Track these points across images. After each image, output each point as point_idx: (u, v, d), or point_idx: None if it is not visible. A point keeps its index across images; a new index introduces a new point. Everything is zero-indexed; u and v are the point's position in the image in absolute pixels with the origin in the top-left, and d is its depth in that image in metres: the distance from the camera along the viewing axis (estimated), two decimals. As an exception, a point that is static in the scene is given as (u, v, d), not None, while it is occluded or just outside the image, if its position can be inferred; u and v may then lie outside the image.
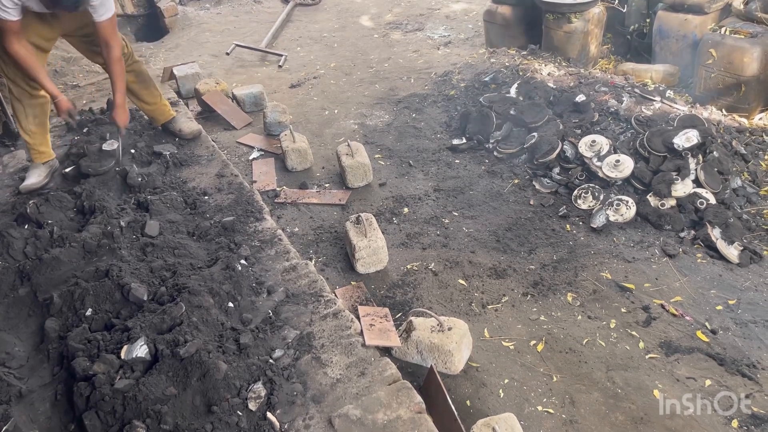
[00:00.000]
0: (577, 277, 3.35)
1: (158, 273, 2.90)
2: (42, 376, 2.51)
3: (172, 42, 8.08)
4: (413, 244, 3.68)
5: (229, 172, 4.07)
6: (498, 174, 4.38)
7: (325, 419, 2.29)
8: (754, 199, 3.89)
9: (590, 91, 4.65)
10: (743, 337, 2.90)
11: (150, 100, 4.31)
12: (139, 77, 4.16)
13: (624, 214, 3.75)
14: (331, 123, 5.40)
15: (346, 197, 4.16)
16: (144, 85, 4.22)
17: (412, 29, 7.88)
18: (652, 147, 3.96)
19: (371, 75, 6.47)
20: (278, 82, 6.50)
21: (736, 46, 4.66)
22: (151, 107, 4.36)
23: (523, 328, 3.02)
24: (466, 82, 5.60)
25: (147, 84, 4.24)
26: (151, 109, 4.38)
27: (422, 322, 2.80)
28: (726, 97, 4.84)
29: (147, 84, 4.24)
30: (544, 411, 2.56)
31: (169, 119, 4.48)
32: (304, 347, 2.62)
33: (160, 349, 2.33)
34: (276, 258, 3.22)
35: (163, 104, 4.42)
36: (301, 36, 7.92)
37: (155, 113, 4.42)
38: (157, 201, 3.53)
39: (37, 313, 2.78)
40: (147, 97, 4.28)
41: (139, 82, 4.17)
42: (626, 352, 2.84)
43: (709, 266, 3.40)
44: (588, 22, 5.51)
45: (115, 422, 2.16)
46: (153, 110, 4.39)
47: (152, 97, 4.31)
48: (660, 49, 5.49)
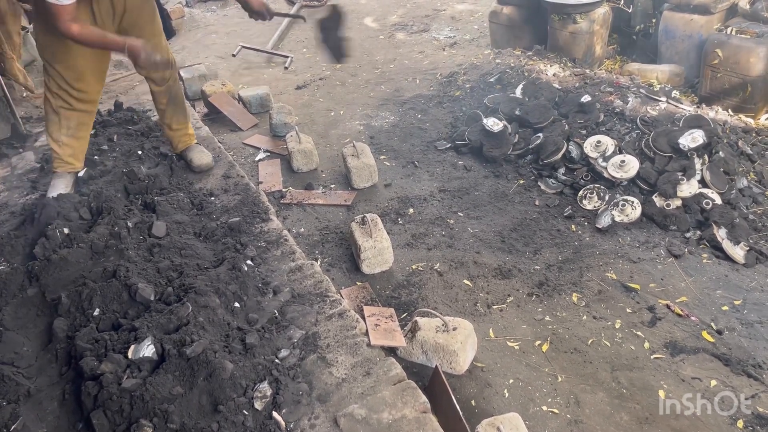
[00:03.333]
0: (582, 277, 3.35)
1: (165, 273, 2.91)
2: (50, 375, 2.53)
3: (178, 44, 8.12)
4: (418, 245, 3.69)
5: (235, 173, 4.09)
6: (503, 175, 4.38)
7: (330, 419, 2.30)
8: (761, 199, 3.88)
9: (595, 91, 4.65)
10: (749, 337, 2.90)
11: (176, 126, 4.02)
12: (173, 100, 3.88)
13: (629, 214, 3.75)
14: (336, 124, 5.42)
15: (351, 198, 4.18)
16: (174, 109, 3.93)
17: (418, 30, 7.89)
18: (657, 147, 3.95)
19: (377, 76, 6.49)
20: (284, 84, 6.52)
21: (742, 46, 4.65)
22: (174, 133, 4.06)
23: (528, 328, 3.03)
24: (472, 83, 5.61)
25: (177, 108, 3.95)
26: (173, 135, 4.08)
27: (427, 322, 2.80)
28: (732, 98, 4.83)
29: (177, 108, 3.95)
30: (549, 411, 2.56)
31: (186, 147, 4.16)
32: (309, 347, 2.63)
33: (166, 348, 2.34)
34: (282, 258, 3.23)
35: (187, 134, 4.12)
36: (306, 38, 7.95)
37: (175, 139, 4.11)
38: (164, 202, 3.55)
39: (46, 313, 2.80)
40: (174, 123, 4.00)
41: (170, 104, 3.88)
42: (631, 353, 2.84)
43: (714, 267, 3.39)
44: (593, 23, 5.50)
45: (123, 421, 2.17)
46: (173, 136, 4.09)
47: (178, 124, 4.02)
48: (665, 49, 5.48)
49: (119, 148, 4.18)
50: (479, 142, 4.59)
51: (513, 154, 4.50)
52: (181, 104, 3.97)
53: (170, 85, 3.82)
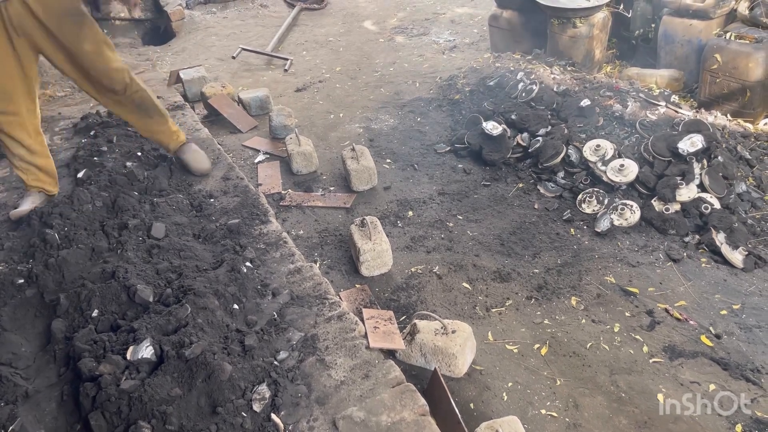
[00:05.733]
0: (581, 281, 3.35)
1: (164, 275, 2.91)
2: (48, 376, 2.53)
3: (178, 46, 8.13)
4: (418, 248, 3.69)
5: (234, 175, 4.08)
6: (502, 178, 4.38)
7: (329, 421, 2.29)
8: (759, 203, 3.89)
9: (595, 95, 4.66)
10: (748, 341, 2.90)
11: (157, 128, 3.84)
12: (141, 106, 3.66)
13: (628, 218, 3.75)
14: (336, 126, 5.42)
15: (350, 200, 4.18)
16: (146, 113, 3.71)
17: (417, 33, 7.91)
18: (656, 151, 3.96)
19: (376, 79, 6.50)
20: (284, 86, 6.53)
21: (741, 51, 4.67)
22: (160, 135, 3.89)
23: (527, 331, 3.03)
24: (471, 87, 5.62)
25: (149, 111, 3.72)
26: (159, 138, 3.91)
27: (426, 325, 2.80)
28: (731, 102, 4.85)
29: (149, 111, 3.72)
30: (548, 414, 2.56)
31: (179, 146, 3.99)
32: (308, 349, 2.63)
33: (165, 350, 2.34)
34: (281, 260, 3.23)
35: (171, 130, 3.91)
36: (306, 40, 7.96)
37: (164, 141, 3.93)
38: (163, 203, 3.55)
39: (44, 314, 2.80)
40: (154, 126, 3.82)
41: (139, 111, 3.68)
42: (630, 356, 2.84)
43: (713, 271, 3.40)
44: (593, 27, 5.52)
45: (121, 422, 2.17)
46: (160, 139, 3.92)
47: (159, 125, 3.83)
48: (665, 54, 5.49)
49: (119, 150, 4.18)
50: (479, 146, 4.59)
51: (512, 157, 4.51)
52: (151, 106, 3.73)
53: (133, 98, 3.60)
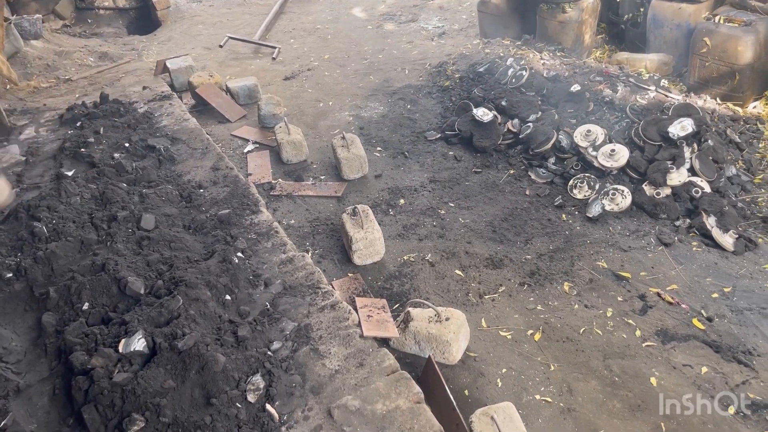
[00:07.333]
0: (573, 266, 3.35)
1: (155, 266, 2.89)
2: (40, 370, 2.51)
3: (164, 35, 8.03)
4: (410, 235, 3.68)
5: (224, 165, 4.05)
6: (493, 165, 4.37)
7: (324, 410, 2.29)
8: (749, 187, 3.90)
9: (585, 80, 4.65)
10: (739, 324, 2.92)
11: None
12: None
13: (619, 203, 3.76)
14: (325, 115, 5.38)
15: (341, 189, 4.16)
16: None
17: (406, 20, 7.85)
18: (647, 136, 3.96)
19: (365, 66, 6.45)
20: (272, 75, 6.47)
21: (730, 34, 4.66)
22: None
23: (520, 317, 3.03)
24: (461, 73, 5.59)
25: None
26: None
27: (420, 312, 2.80)
28: (720, 86, 4.85)
29: None
30: (542, 400, 2.57)
31: None
32: (302, 339, 2.62)
33: (158, 342, 2.32)
34: (273, 250, 3.21)
35: None
36: (294, 28, 7.89)
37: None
38: (152, 194, 3.52)
39: (34, 307, 2.77)
40: None
41: None
42: (623, 341, 2.85)
43: (704, 254, 3.41)
44: (582, 12, 5.50)
45: (114, 415, 2.15)
46: None
47: None
48: (654, 38, 5.49)
49: (106, 141, 4.13)
50: (469, 133, 4.57)
51: (503, 143, 4.49)
52: None
53: None
